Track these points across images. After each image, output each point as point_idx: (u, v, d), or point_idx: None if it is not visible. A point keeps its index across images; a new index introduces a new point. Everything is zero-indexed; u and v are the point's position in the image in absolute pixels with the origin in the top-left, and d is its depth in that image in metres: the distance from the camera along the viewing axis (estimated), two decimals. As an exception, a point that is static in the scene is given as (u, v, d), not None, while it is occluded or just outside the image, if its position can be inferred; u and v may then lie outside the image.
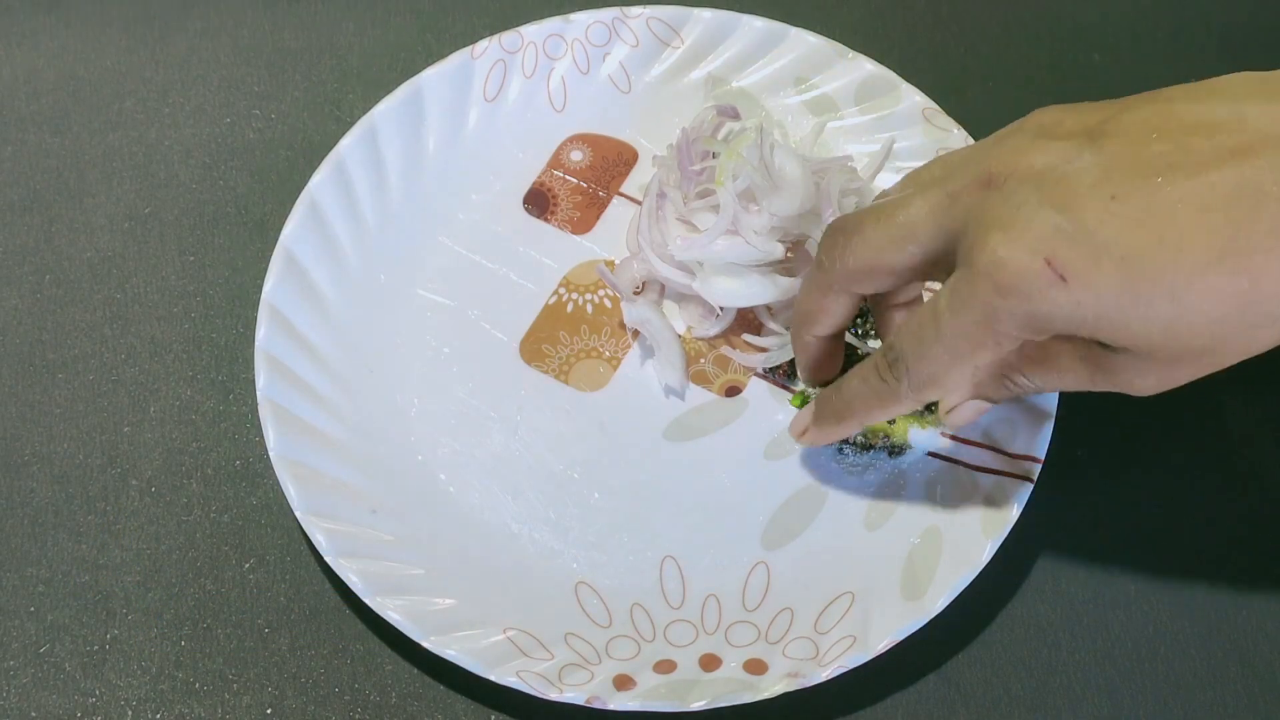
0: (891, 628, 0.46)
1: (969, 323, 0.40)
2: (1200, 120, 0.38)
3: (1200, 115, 0.38)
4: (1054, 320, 0.39)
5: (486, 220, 0.57)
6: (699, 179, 0.54)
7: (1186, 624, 0.49)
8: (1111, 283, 0.38)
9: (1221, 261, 0.37)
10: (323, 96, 0.61)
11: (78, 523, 0.51)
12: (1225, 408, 0.53)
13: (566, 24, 0.59)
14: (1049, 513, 0.50)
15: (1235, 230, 0.36)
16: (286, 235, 0.53)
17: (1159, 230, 0.37)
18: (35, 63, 0.62)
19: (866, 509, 0.50)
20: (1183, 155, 0.37)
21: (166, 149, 0.59)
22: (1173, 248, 0.37)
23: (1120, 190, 0.38)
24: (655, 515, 0.51)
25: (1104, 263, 0.37)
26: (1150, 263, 0.37)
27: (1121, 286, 0.37)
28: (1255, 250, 0.36)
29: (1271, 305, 0.37)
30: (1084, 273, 0.38)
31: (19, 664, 0.49)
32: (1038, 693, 0.48)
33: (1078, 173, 0.38)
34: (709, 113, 0.56)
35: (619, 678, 0.46)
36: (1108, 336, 0.39)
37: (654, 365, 0.53)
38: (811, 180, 0.53)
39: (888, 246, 0.43)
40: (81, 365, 0.54)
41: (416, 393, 0.53)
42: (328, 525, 0.48)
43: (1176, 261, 0.37)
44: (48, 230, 0.57)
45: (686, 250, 0.52)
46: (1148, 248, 0.37)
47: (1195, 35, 0.62)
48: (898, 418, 0.49)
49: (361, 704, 0.48)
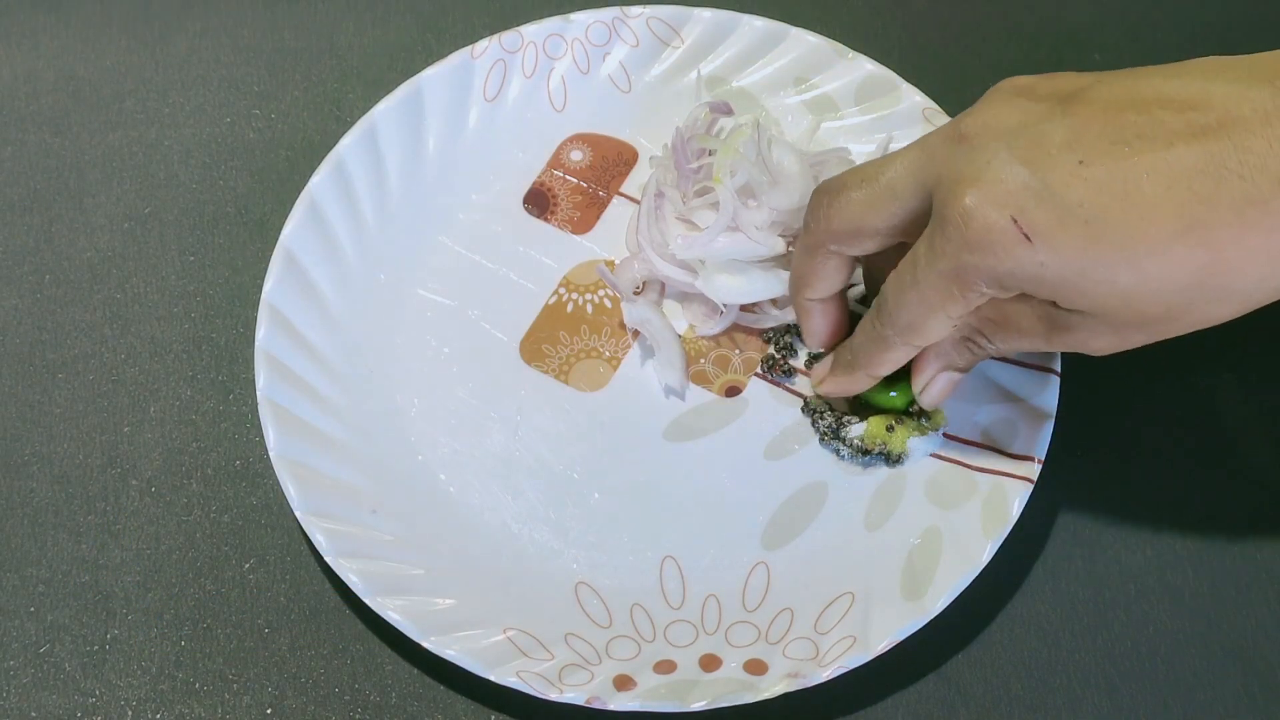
0: (891, 628, 0.46)
1: (939, 274, 0.41)
2: (1171, 96, 0.39)
3: (1171, 91, 0.39)
4: (1016, 277, 0.40)
5: (486, 220, 0.57)
6: (696, 177, 0.54)
7: (1186, 624, 0.49)
8: (1075, 246, 0.38)
9: (1185, 234, 0.38)
10: (323, 96, 0.61)
11: (78, 523, 0.51)
12: (1225, 407, 0.53)
13: (566, 24, 0.59)
14: (1049, 513, 0.51)
15: (1199, 205, 0.37)
16: (286, 235, 0.53)
17: (1125, 198, 0.38)
18: (35, 63, 0.62)
19: (866, 509, 0.50)
20: (1152, 127, 0.38)
21: (166, 149, 0.59)
22: (1137, 217, 0.38)
23: (1089, 155, 0.38)
24: (655, 515, 0.51)
25: (1069, 225, 0.38)
26: (1115, 230, 0.38)
27: (1085, 250, 0.38)
28: (1217, 225, 0.37)
29: (1230, 279, 0.38)
30: (1049, 233, 0.38)
31: (19, 664, 0.49)
32: (1038, 693, 0.48)
33: (1048, 133, 0.39)
34: (702, 110, 0.56)
35: (619, 678, 0.46)
36: (1067, 299, 0.40)
37: (654, 365, 0.53)
38: (810, 173, 0.53)
39: (870, 206, 0.44)
40: (81, 365, 0.54)
41: (416, 393, 0.53)
42: (328, 525, 0.48)
43: (1140, 231, 0.38)
44: (48, 230, 0.57)
45: (688, 249, 0.52)
46: (1113, 215, 0.38)
47: (1195, 35, 0.62)
48: (897, 428, 0.50)
49: (361, 704, 0.48)
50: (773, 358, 0.53)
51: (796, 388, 0.53)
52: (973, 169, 0.40)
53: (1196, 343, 0.49)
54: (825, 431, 0.51)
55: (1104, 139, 0.38)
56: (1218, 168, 0.37)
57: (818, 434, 0.51)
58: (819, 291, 0.49)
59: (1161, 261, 0.38)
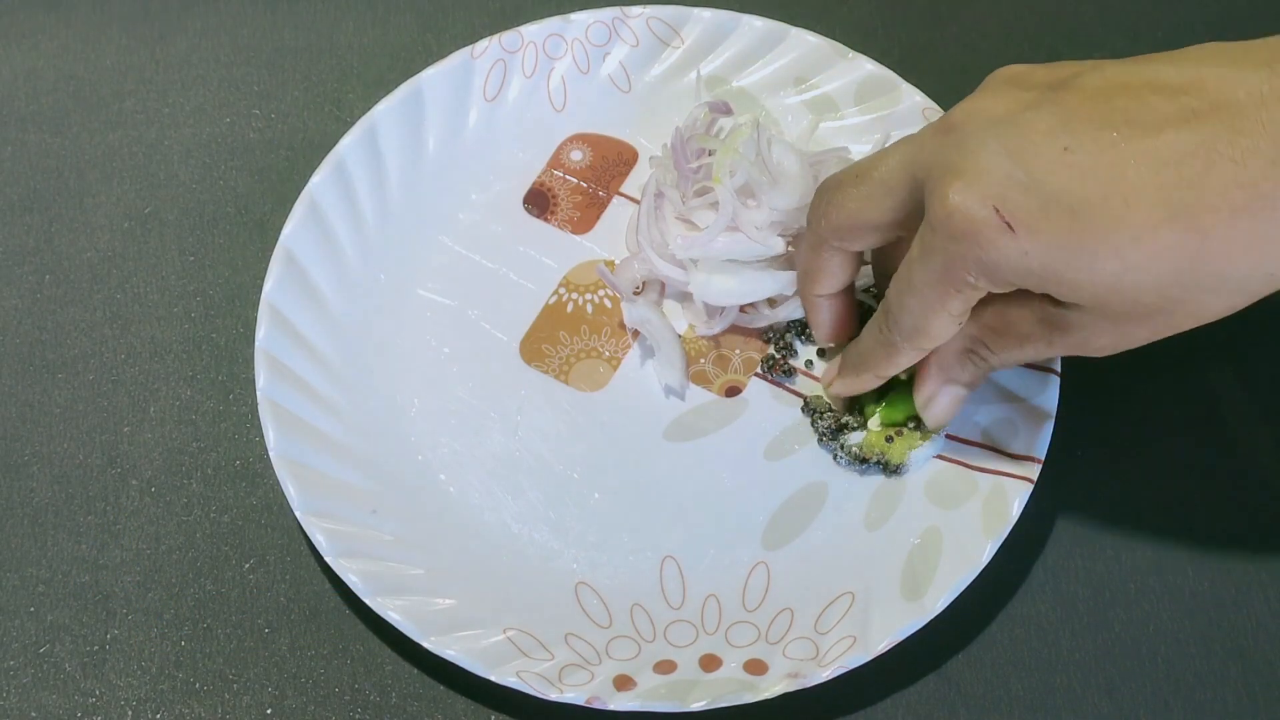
0: (891, 628, 0.46)
1: (933, 271, 0.41)
2: (1164, 81, 0.38)
3: (1164, 76, 0.39)
4: (1002, 268, 0.39)
5: (486, 220, 0.57)
6: (696, 177, 0.54)
7: (1186, 624, 0.49)
8: (1058, 234, 0.38)
9: (1172, 220, 0.37)
10: (323, 96, 0.61)
11: (78, 523, 0.51)
12: (1225, 407, 0.53)
13: (566, 24, 0.59)
14: (1049, 513, 0.51)
15: (1187, 189, 0.37)
16: (286, 235, 0.53)
17: (1110, 184, 0.37)
18: (35, 63, 0.62)
19: (866, 509, 0.50)
20: (1142, 112, 0.38)
21: (166, 149, 0.59)
22: (1122, 202, 0.37)
23: (1074, 142, 0.38)
24: (655, 515, 0.51)
25: (1052, 213, 0.38)
26: (1099, 216, 0.37)
27: (1068, 238, 0.38)
28: (1206, 210, 0.37)
29: (1221, 265, 0.38)
30: (1031, 222, 0.38)
31: (19, 664, 0.49)
32: (1038, 693, 0.48)
33: (1035, 121, 0.39)
34: (701, 110, 0.56)
35: (619, 678, 0.46)
36: (1056, 289, 0.39)
37: (654, 365, 0.53)
38: (810, 173, 0.53)
39: (866, 202, 0.44)
40: (81, 365, 0.54)
41: (416, 393, 0.53)
42: (328, 525, 0.48)
43: (1125, 216, 0.37)
44: (48, 230, 0.57)
45: (688, 249, 0.52)
46: (1097, 201, 0.37)
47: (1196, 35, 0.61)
48: (896, 439, 0.50)
49: (361, 704, 0.48)
50: (773, 358, 0.53)
51: (796, 388, 0.53)
52: (958, 160, 0.40)
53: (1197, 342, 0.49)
54: (824, 433, 0.51)
55: (1092, 125, 0.38)
56: (1208, 151, 0.37)
57: (816, 433, 0.51)
58: (825, 287, 0.49)
59: (1149, 248, 0.37)
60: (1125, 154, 0.37)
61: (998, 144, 0.39)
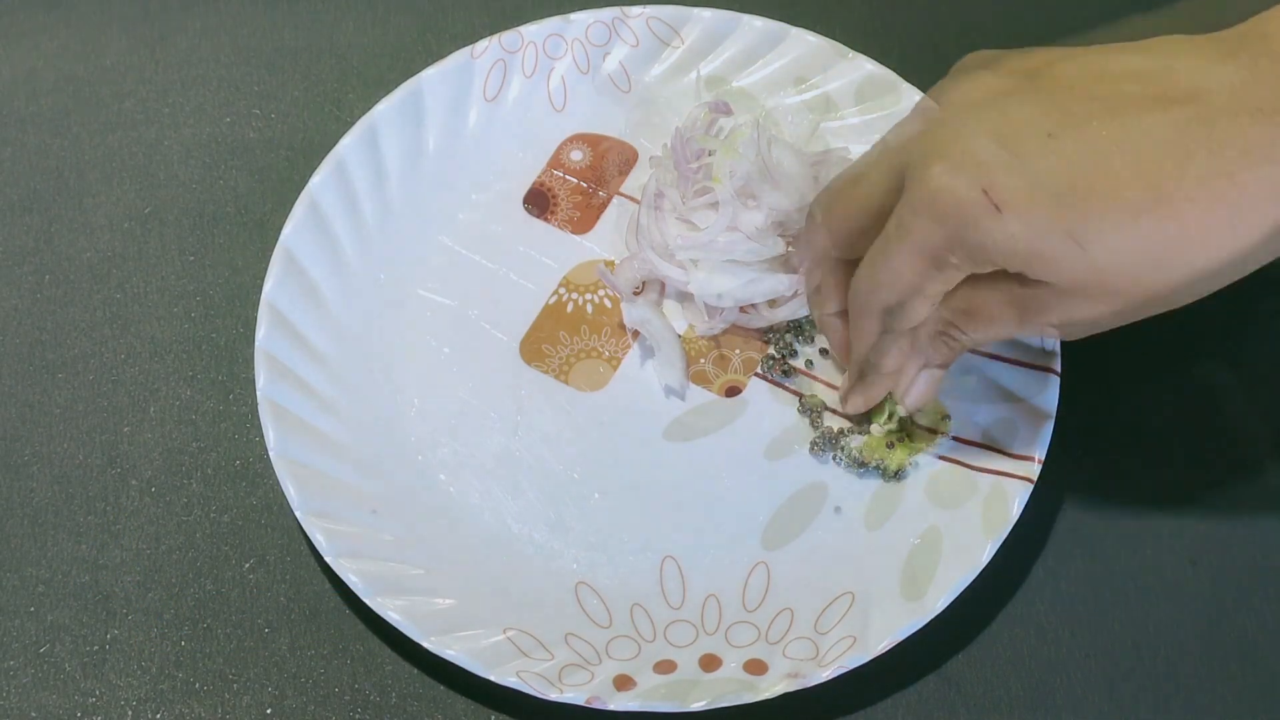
0: (891, 628, 0.46)
1: (912, 250, 0.41)
2: (1134, 70, 0.40)
3: (1134, 66, 0.40)
4: (988, 249, 0.40)
5: (486, 220, 0.57)
6: (696, 177, 0.54)
7: (1187, 624, 0.49)
8: (1045, 216, 0.39)
9: (1153, 207, 0.38)
10: (323, 96, 0.61)
11: (78, 523, 0.51)
12: (1225, 406, 0.53)
13: (566, 24, 0.59)
14: (1049, 513, 0.50)
15: (1167, 178, 0.38)
16: (286, 235, 0.53)
17: (1094, 171, 0.38)
18: (35, 63, 0.62)
19: (866, 509, 0.50)
20: (1121, 101, 0.39)
21: (166, 149, 0.59)
22: (1106, 189, 0.38)
23: (1057, 128, 0.39)
24: (655, 515, 0.51)
25: (1039, 196, 0.38)
26: (1084, 201, 0.38)
27: (1054, 221, 0.39)
28: (1183, 199, 0.38)
29: (1194, 253, 0.39)
30: (1018, 204, 0.39)
31: (19, 664, 0.49)
32: (1038, 693, 0.48)
33: (1016, 107, 0.40)
34: (701, 110, 0.56)
35: (619, 678, 0.46)
36: (1036, 270, 0.40)
37: (654, 365, 0.53)
38: (810, 173, 0.53)
39: (856, 209, 0.44)
40: (81, 365, 0.54)
41: (416, 393, 0.53)
42: (328, 525, 0.48)
43: (1109, 203, 0.38)
44: (48, 230, 0.57)
45: (688, 249, 0.52)
46: (1081, 186, 0.38)
47: (1195, 35, 0.62)
48: (896, 445, 0.50)
49: (361, 704, 0.48)
50: (773, 358, 0.53)
51: (796, 387, 0.53)
52: (941, 144, 0.40)
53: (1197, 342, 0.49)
54: (816, 442, 0.51)
55: (1071, 113, 0.39)
56: (1186, 141, 0.38)
57: (816, 432, 0.51)
58: (836, 304, 0.48)
59: (1130, 234, 0.38)
60: (1108, 141, 0.38)
61: (982, 128, 0.40)
